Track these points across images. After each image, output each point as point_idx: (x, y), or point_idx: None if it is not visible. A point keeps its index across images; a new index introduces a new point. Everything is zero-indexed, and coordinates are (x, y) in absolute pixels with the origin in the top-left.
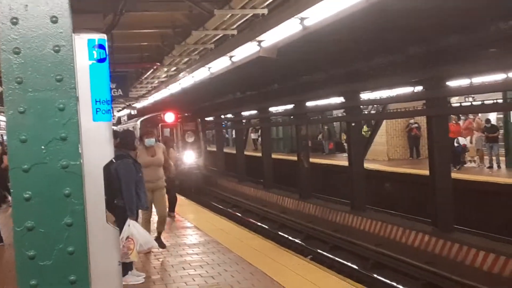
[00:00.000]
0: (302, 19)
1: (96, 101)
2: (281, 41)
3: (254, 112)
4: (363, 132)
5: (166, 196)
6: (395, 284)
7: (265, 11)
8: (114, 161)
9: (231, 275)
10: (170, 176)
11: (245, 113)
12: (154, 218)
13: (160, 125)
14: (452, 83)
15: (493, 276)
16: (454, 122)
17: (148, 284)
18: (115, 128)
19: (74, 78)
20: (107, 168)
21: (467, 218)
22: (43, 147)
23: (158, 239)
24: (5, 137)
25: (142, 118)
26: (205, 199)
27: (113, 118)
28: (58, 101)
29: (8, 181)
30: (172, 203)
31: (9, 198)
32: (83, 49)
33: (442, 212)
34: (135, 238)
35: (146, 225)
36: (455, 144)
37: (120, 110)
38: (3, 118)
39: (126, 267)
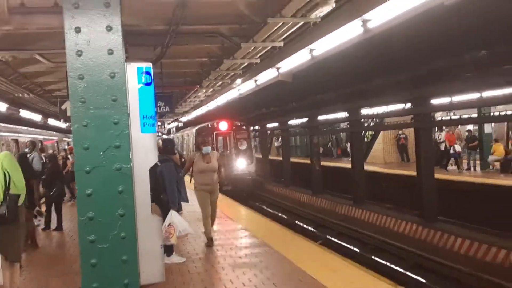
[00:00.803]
0: (311, 50)
1: (143, 117)
2: (295, 67)
3: (276, 124)
4: (367, 136)
5: (218, 197)
6: (389, 264)
7: (282, 44)
8: (159, 164)
9: (255, 256)
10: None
11: (269, 125)
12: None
13: (214, 133)
14: (435, 101)
15: (469, 258)
16: (451, 132)
17: (188, 263)
18: (165, 136)
19: (126, 98)
20: (154, 170)
21: (449, 210)
22: (101, 153)
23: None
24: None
25: (197, 127)
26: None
27: (164, 129)
28: (113, 117)
29: (70, 181)
30: None
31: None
32: (133, 75)
33: (427, 206)
34: (175, 225)
35: (206, 220)
36: (451, 151)
37: (169, 123)
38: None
39: (169, 249)
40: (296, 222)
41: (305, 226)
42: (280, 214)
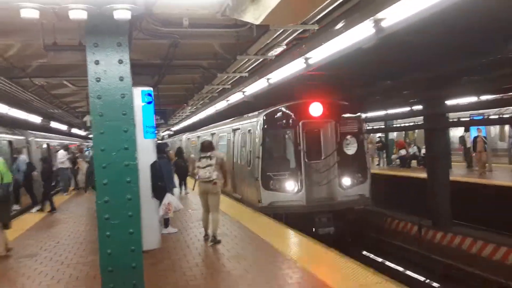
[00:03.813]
0: (268, 79)
1: (146, 126)
2: (256, 91)
3: None
4: None
5: None
6: None
7: (246, 74)
8: (157, 160)
9: (227, 228)
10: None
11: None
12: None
13: (300, 123)
14: None
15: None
16: (401, 139)
17: (178, 234)
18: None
19: (133, 113)
20: (154, 164)
21: None
22: (114, 153)
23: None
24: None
25: (267, 112)
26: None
27: (159, 135)
28: (124, 127)
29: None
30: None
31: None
32: (138, 96)
33: None
34: (172, 203)
35: (206, 215)
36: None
37: (163, 131)
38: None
39: (167, 222)
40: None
41: None
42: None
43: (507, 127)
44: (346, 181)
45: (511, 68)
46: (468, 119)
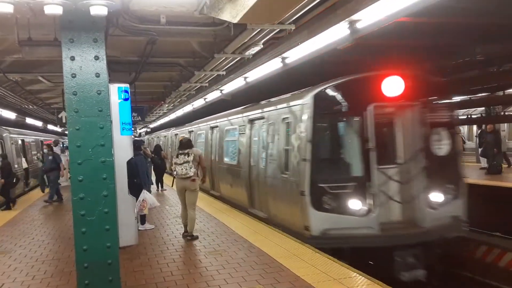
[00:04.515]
0: (245, 77)
1: (122, 123)
2: (233, 89)
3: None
4: None
5: None
6: None
7: (224, 72)
8: (133, 157)
9: (204, 225)
10: None
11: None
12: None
13: (370, 108)
14: None
15: None
16: None
17: (155, 230)
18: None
19: (109, 110)
20: (131, 161)
21: None
22: (90, 150)
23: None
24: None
25: (318, 90)
26: None
27: (136, 133)
28: (100, 123)
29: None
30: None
31: None
32: (115, 92)
33: None
34: (147, 200)
35: (185, 212)
36: None
37: (140, 129)
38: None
39: (143, 219)
40: None
41: None
42: None
43: (475, 127)
44: (438, 197)
45: (479, 71)
46: None
